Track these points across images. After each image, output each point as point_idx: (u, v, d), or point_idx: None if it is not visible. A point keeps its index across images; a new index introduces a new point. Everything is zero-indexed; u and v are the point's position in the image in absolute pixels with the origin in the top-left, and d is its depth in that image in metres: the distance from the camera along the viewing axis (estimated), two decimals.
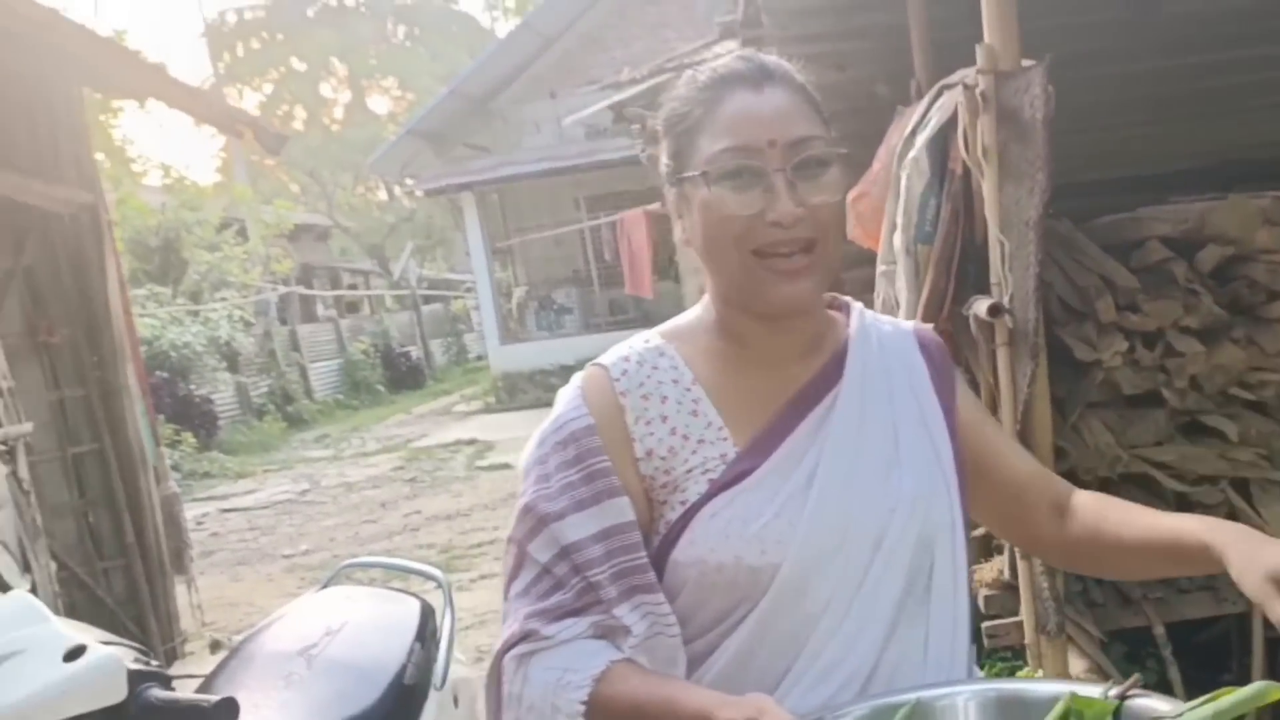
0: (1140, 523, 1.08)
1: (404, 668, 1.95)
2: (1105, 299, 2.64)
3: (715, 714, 0.92)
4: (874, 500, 1.07)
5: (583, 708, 0.99)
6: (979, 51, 2.44)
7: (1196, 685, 1.12)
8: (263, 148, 5.04)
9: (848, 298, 1.21)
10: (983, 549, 3.43)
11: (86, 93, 4.51)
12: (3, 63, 3.84)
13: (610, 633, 1.04)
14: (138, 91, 4.45)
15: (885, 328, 1.19)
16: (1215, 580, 2.47)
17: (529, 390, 13.29)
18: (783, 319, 1.10)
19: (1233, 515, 2.51)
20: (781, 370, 1.11)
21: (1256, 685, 0.82)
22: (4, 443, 3.14)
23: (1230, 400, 2.61)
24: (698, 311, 1.17)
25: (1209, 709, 0.81)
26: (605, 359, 1.12)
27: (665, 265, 11.82)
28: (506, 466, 9.18)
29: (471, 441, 10.96)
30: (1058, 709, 0.89)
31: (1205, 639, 2.79)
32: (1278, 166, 3.12)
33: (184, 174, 17.32)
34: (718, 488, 1.05)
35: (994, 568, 3.00)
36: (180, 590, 4.70)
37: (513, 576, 1.09)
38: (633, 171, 12.63)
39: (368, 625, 2.17)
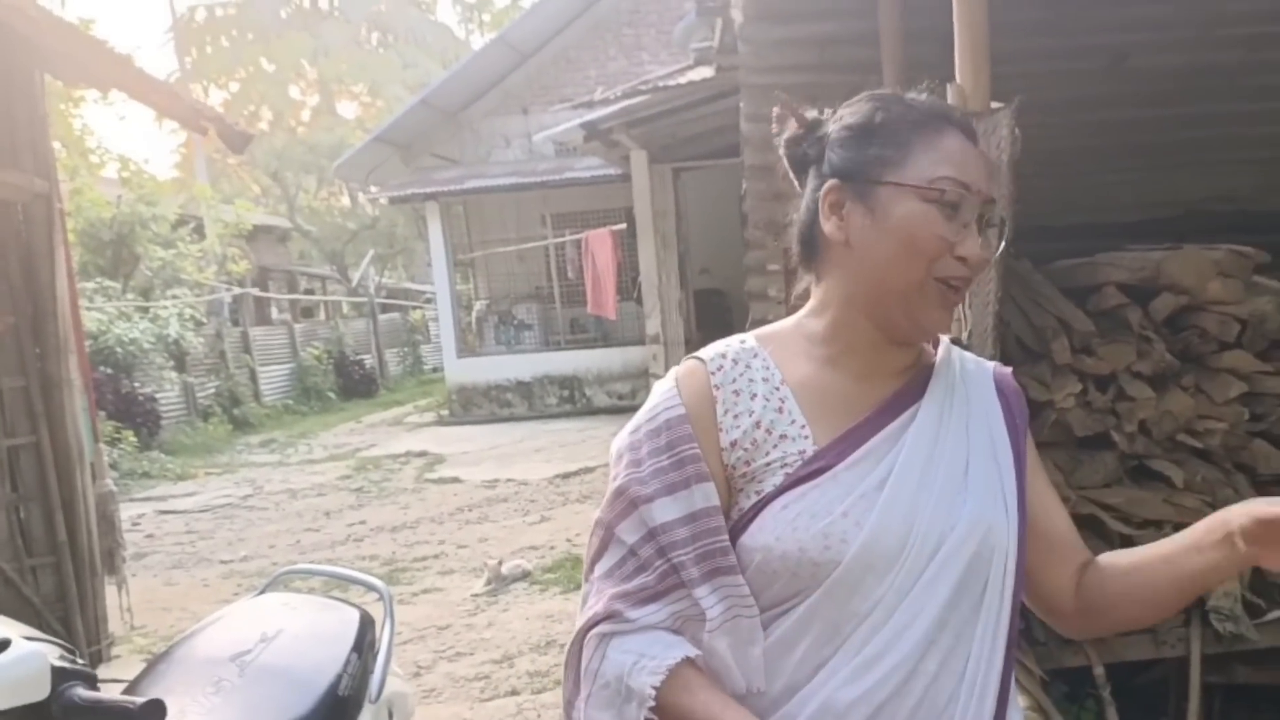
0: (1157, 548, 1.19)
1: (339, 678, 1.90)
2: (1061, 340, 2.68)
3: None
4: (939, 514, 1.11)
5: (653, 692, 1.06)
6: (949, 91, 2.48)
7: None
8: (227, 146, 4.95)
9: None
10: None
11: (47, 80, 4.40)
12: None
13: (688, 624, 1.11)
14: (100, 81, 4.34)
15: (969, 362, 1.25)
16: (1155, 624, 2.49)
17: (483, 404, 13.18)
18: (913, 341, 1.17)
19: None
20: (870, 382, 1.17)
21: None
22: None
23: (1178, 446, 2.66)
24: (797, 318, 1.22)
25: None
26: (704, 353, 1.19)
27: (628, 286, 11.82)
28: (456, 480, 9.06)
29: (422, 453, 10.82)
30: None
31: (1144, 681, 2.82)
32: (1236, 219, 3.19)
33: (142, 167, 16.99)
34: (792, 481, 1.11)
35: None
36: (110, 592, 4.56)
37: (597, 557, 1.16)
38: (601, 190, 12.68)
39: (304, 633, 2.12)
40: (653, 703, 1.06)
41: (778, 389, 1.15)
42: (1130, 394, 2.62)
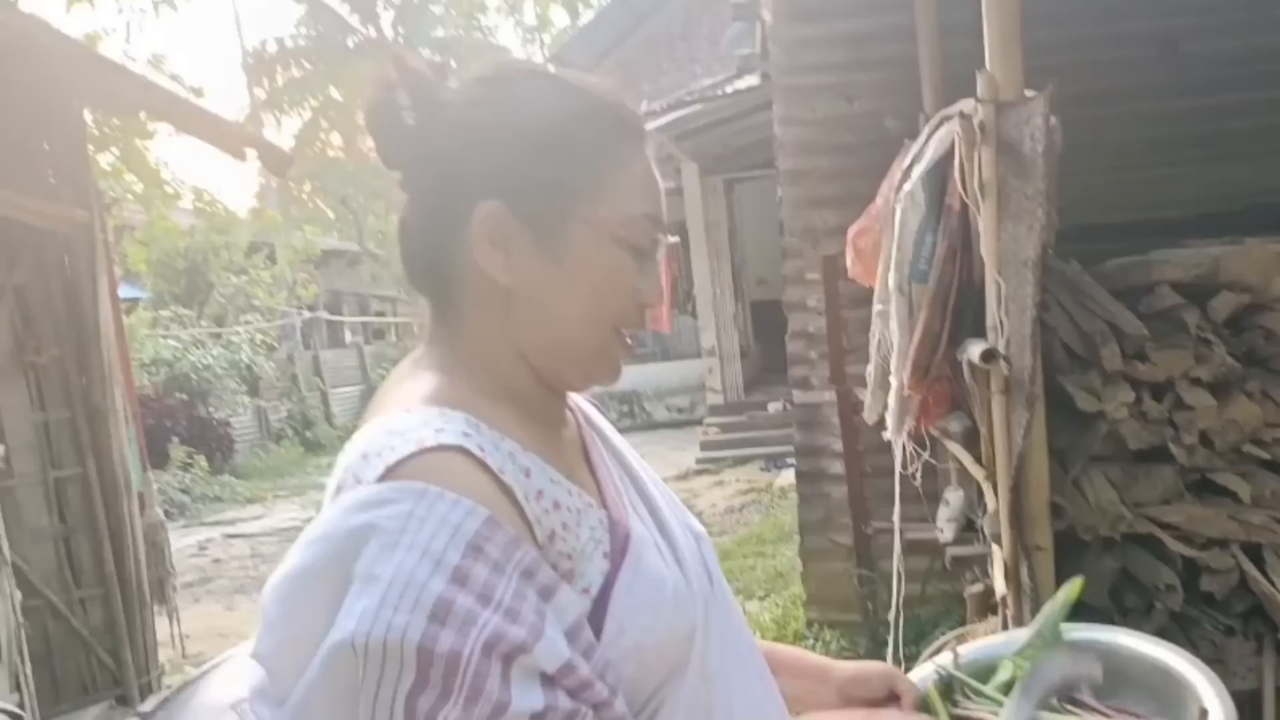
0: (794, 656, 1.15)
1: None
2: (1111, 346, 2.48)
3: None
4: (683, 527, 0.99)
5: None
6: (979, 80, 2.32)
7: None
8: (267, 168, 5.00)
9: None
10: (978, 608, 3.25)
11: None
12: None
13: None
14: (136, 108, 4.41)
15: None
16: (1224, 654, 2.28)
17: None
18: (580, 390, 1.00)
19: (1244, 582, 2.33)
20: (562, 427, 0.98)
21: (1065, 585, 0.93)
22: None
23: (1243, 458, 2.43)
24: (441, 379, 0.88)
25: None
26: (444, 439, 0.79)
27: (683, 299, 11.70)
28: None
29: None
30: None
31: None
32: None
33: (216, 198, 17.48)
34: (617, 558, 0.86)
35: (986, 629, 2.83)
36: (162, 621, 4.59)
37: None
38: None
39: None
40: None
41: (532, 458, 0.85)
42: (1189, 402, 2.40)
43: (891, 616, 2.91)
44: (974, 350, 2.34)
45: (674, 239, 1.06)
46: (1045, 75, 2.30)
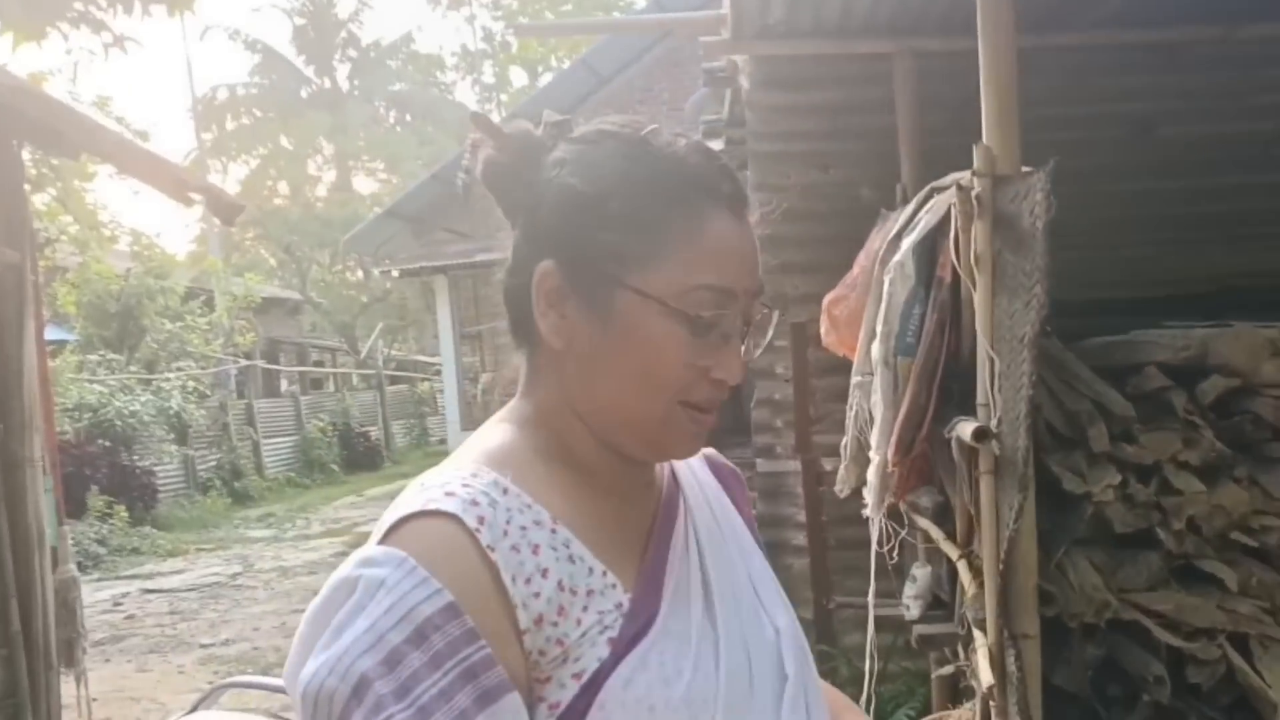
0: None
1: None
2: (1098, 427, 2.41)
3: None
4: (762, 635, 0.90)
5: None
6: (976, 153, 2.27)
7: None
8: (217, 217, 4.78)
9: None
10: (946, 691, 3.12)
11: (45, 155, 4.26)
12: None
13: None
14: (77, 149, 4.20)
15: None
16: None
17: None
18: (656, 461, 0.93)
19: (1230, 674, 2.24)
20: (629, 498, 0.91)
21: None
22: None
23: (1229, 545, 2.37)
24: (508, 434, 0.88)
25: None
26: (445, 504, 0.77)
27: None
28: None
29: None
30: None
31: None
32: (1273, 296, 2.96)
33: (154, 242, 17.05)
34: (623, 647, 0.80)
35: (960, 716, 2.71)
36: (69, 684, 4.25)
37: None
38: None
39: None
40: None
41: (555, 531, 0.81)
42: (1177, 486, 2.34)
43: (863, 700, 2.77)
44: (965, 428, 2.25)
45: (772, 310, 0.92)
46: (1024, 150, 2.27)
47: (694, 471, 1.01)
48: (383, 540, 0.77)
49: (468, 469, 0.83)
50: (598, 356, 0.85)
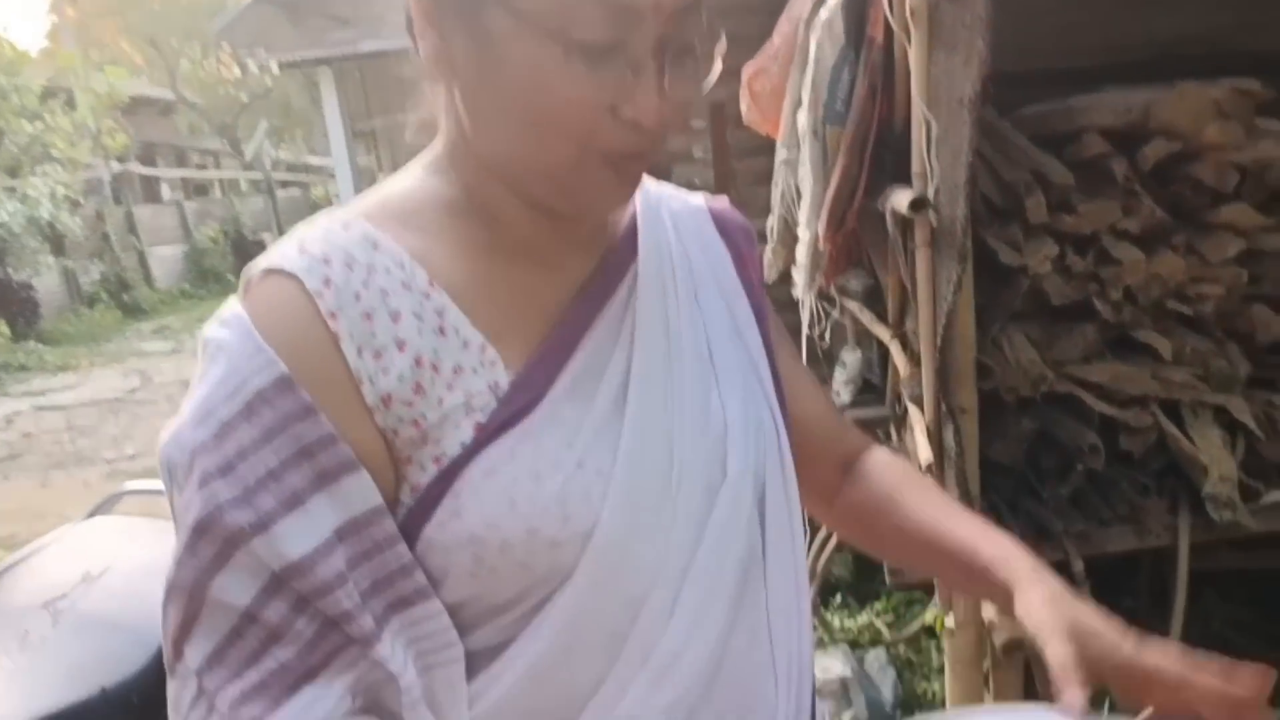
0: (931, 517, 0.89)
1: None
2: (1036, 197, 2.32)
3: None
4: (699, 428, 0.79)
5: None
6: None
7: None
8: None
9: None
10: None
11: None
12: None
13: (379, 693, 0.69)
14: None
15: (674, 201, 0.90)
16: (1139, 513, 2.24)
17: None
18: (581, 219, 0.79)
19: (1163, 441, 2.28)
20: (555, 261, 0.78)
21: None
22: None
23: (1165, 314, 2.35)
24: (415, 180, 0.78)
25: None
26: (288, 263, 0.69)
27: None
28: None
29: None
30: None
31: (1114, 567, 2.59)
32: (1211, 62, 2.85)
33: (2, 36, 15.40)
34: (490, 432, 0.71)
35: None
36: None
37: (185, 635, 0.66)
38: None
39: (139, 570, 1.74)
40: None
41: (428, 297, 0.72)
42: (1115, 256, 2.29)
43: None
44: (900, 199, 2.12)
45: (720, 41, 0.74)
46: None
47: (679, 230, 0.87)
48: (243, 295, 0.70)
49: (340, 219, 0.73)
50: (482, 90, 0.70)
